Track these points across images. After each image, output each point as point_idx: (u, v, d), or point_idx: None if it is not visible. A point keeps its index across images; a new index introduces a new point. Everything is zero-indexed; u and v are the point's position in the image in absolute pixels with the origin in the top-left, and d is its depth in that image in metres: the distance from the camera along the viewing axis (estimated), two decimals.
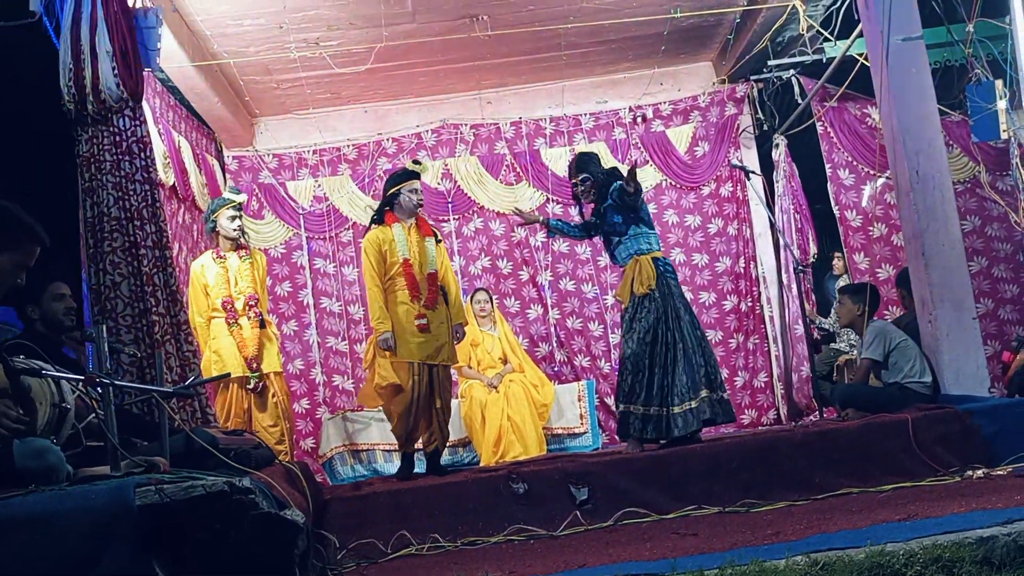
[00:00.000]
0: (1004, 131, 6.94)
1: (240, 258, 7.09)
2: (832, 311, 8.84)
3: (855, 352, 8.10)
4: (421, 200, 6.64)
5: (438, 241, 6.72)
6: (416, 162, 6.81)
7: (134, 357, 5.36)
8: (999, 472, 4.94)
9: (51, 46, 5.66)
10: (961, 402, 5.81)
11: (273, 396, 7.09)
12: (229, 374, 6.75)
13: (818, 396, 7.56)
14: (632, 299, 6.36)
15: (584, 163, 6.68)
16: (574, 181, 6.69)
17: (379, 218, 6.67)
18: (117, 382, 3.79)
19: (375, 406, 7.00)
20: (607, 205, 6.53)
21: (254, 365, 6.94)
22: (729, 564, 3.29)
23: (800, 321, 8.73)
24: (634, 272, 6.39)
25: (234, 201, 7.14)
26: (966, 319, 6.24)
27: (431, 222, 7.04)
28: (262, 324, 7.10)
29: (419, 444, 6.61)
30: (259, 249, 8.07)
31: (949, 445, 5.34)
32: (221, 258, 7.04)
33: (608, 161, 9.41)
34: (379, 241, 6.52)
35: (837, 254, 9.87)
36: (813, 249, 9.30)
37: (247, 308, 6.98)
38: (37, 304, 4.55)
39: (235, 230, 7.07)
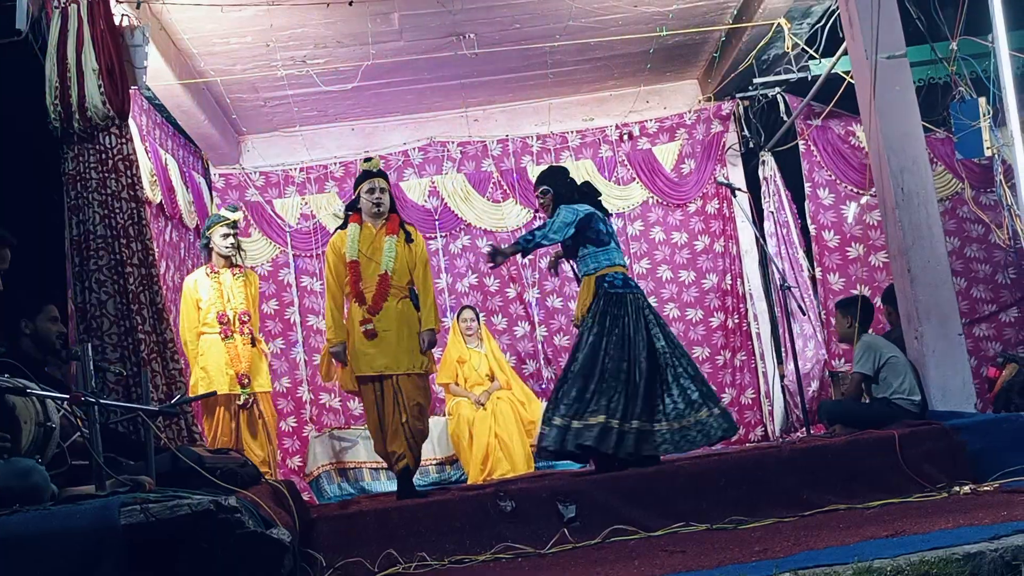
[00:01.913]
0: (988, 148, 6.97)
1: (233, 276, 7.13)
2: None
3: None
4: (379, 199, 6.26)
5: (409, 240, 6.31)
6: (367, 159, 6.57)
7: (120, 376, 5.33)
8: (986, 488, 4.96)
9: (37, 64, 5.65)
10: (947, 418, 5.82)
11: (260, 416, 7.10)
12: (215, 392, 6.73)
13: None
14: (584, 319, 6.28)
15: (547, 176, 6.57)
16: (536, 192, 6.59)
17: (343, 223, 6.42)
18: (102, 401, 3.78)
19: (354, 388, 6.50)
20: None
21: (244, 381, 6.95)
22: None
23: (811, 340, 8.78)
24: (583, 294, 6.35)
25: (228, 219, 7.16)
26: (952, 335, 6.26)
27: (404, 219, 6.61)
28: (253, 343, 7.12)
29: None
30: (251, 268, 8.06)
31: (936, 461, 5.35)
32: (215, 273, 7.09)
33: (594, 179, 9.46)
34: (337, 246, 6.30)
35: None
36: (806, 264, 9.29)
37: (240, 324, 7.00)
38: (32, 320, 4.53)
39: (227, 247, 7.11)
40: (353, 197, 6.44)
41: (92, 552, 3.04)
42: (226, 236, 7.10)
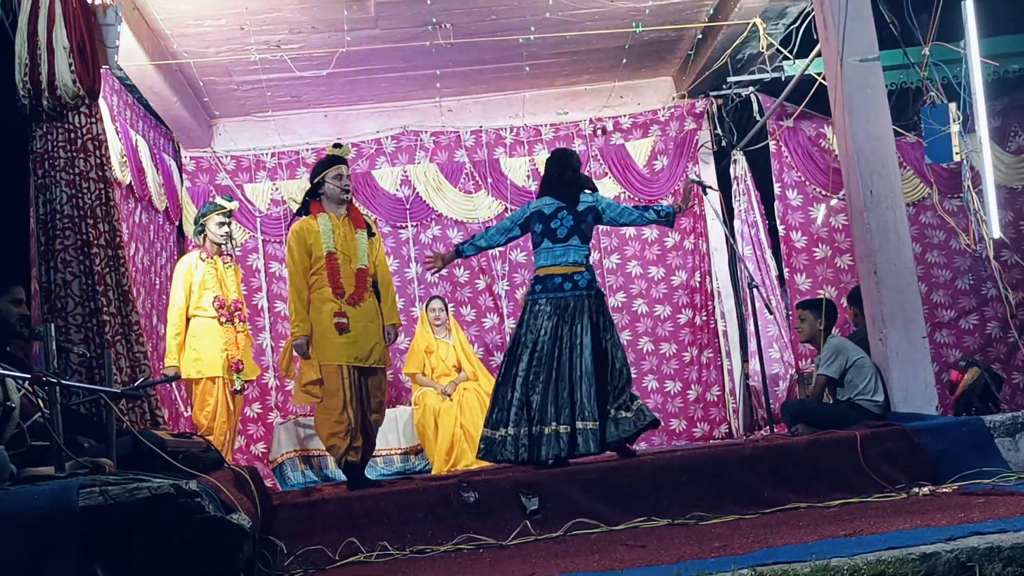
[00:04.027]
0: (957, 154, 7.04)
1: (224, 264, 7.32)
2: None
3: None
4: (347, 186, 6.13)
5: (372, 234, 6.22)
6: (337, 145, 6.36)
7: (83, 357, 5.30)
8: (944, 490, 5.00)
9: (7, 40, 5.59)
10: (909, 420, 5.86)
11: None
12: (179, 376, 6.76)
13: None
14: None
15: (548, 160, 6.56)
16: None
17: (304, 209, 6.18)
18: (64, 381, 3.75)
19: (311, 402, 6.34)
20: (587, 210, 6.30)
21: (241, 367, 7.06)
22: None
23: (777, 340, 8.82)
24: None
25: (225, 208, 7.35)
26: (916, 338, 6.31)
27: (365, 212, 6.47)
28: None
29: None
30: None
31: (896, 462, 5.40)
32: (211, 259, 7.22)
33: None
34: (303, 234, 6.01)
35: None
36: (774, 264, 9.33)
37: (235, 311, 7.18)
38: None
39: (222, 236, 7.29)
40: (315, 182, 6.18)
41: (49, 533, 3.02)
42: (221, 225, 7.28)
